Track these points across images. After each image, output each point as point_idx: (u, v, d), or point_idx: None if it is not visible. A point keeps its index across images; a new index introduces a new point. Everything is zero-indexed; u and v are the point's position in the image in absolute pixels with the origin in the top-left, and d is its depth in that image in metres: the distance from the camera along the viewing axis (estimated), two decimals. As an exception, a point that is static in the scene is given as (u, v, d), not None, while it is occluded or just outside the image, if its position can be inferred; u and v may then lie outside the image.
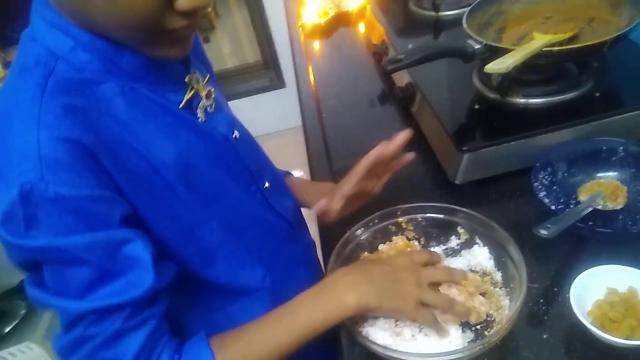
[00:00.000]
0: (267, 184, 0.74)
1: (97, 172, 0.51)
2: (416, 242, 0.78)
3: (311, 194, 0.84)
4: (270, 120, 2.91)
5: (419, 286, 0.65)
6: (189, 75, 0.62)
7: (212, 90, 0.66)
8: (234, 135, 0.68)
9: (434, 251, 0.75)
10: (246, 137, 0.73)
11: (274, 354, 0.61)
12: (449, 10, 1.27)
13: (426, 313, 0.64)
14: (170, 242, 0.60)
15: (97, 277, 0.52)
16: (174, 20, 0.51)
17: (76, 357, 0.54)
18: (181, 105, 0.61)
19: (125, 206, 0.54)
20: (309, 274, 0.82)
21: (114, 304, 0.52)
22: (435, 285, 0.68)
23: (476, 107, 0.94)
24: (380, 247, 0.79)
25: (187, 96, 0.62)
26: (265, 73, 3.00)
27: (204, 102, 0.64)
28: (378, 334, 0.65)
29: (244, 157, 0.70)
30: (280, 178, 0.84)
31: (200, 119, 0.64)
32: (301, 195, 0.86)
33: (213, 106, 0.66)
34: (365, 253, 0.78)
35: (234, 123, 0.70)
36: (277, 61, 2.91)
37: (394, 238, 0.79)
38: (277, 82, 2.98)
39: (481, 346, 0.59)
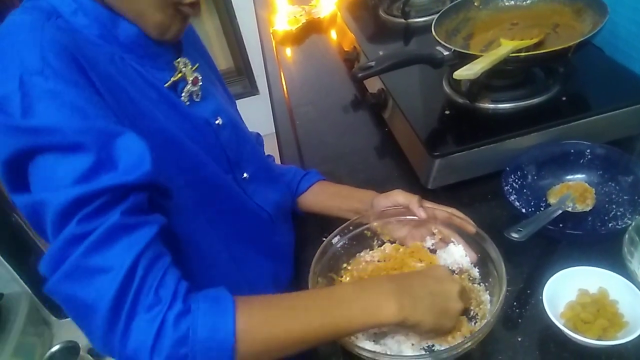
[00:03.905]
0: (245, 175, 0.76)
1: (92, 85, 0.53)
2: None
3: (354, 200, 0.83)
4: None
5: (462, 298, 0.62)
6: (178, 59, 0.66)
7: (199, 77, 0.69)
8: (216, 122, 0.71)
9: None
10: (232, 126, 0.74)
11: (299, 332, 0.54)
12: (418, 17, 1.28)
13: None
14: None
15: (93, 165, 0.48)
16: None
17: (60, 273, 0.47)
18: (167, 85, 0.65)
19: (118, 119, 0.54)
20: (280, 269, 0.81)
21: (110, 186, 0.48)
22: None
23: (447, 112, 0.95)
24: (363, 254, 0.78)
25: (175, 77, 0.65)
26: (238, 80, 2.97)
27: (189, 87, 0.67)
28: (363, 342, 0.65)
29: (224, 144, 0.72)
30: (267, 173, 0.83)
31: (184, 103, 0.67)
32: (340, 201, 0.84)
33: (199, 95, 0.69)
34: (344, 265, 0.76)
35: (219, 111, 0.72)
36: (250, 68, 2.89)
37: (374, 244, 0.79)
38: (251, 89, 2.96)
39: (470, 342, 0.59)
